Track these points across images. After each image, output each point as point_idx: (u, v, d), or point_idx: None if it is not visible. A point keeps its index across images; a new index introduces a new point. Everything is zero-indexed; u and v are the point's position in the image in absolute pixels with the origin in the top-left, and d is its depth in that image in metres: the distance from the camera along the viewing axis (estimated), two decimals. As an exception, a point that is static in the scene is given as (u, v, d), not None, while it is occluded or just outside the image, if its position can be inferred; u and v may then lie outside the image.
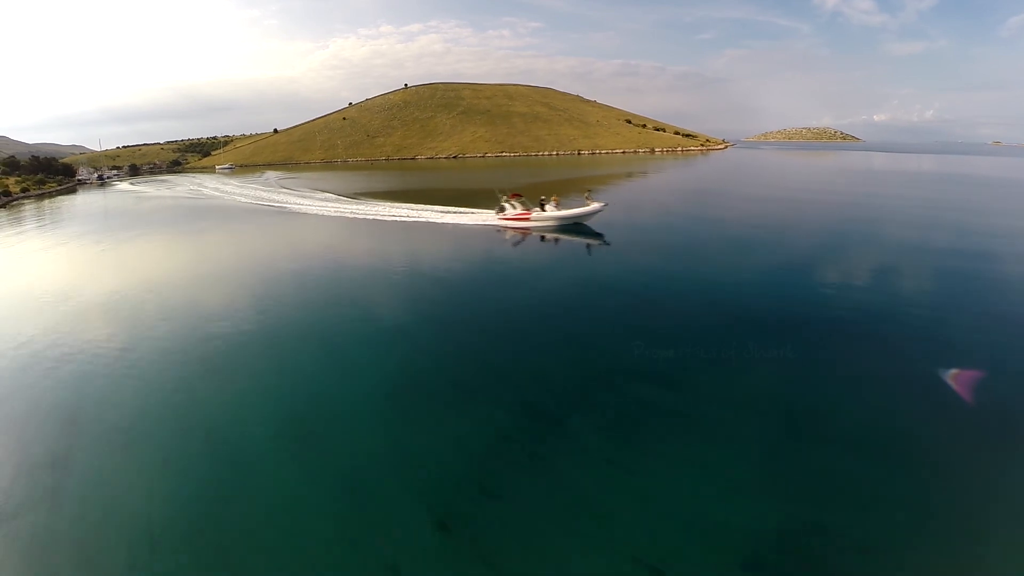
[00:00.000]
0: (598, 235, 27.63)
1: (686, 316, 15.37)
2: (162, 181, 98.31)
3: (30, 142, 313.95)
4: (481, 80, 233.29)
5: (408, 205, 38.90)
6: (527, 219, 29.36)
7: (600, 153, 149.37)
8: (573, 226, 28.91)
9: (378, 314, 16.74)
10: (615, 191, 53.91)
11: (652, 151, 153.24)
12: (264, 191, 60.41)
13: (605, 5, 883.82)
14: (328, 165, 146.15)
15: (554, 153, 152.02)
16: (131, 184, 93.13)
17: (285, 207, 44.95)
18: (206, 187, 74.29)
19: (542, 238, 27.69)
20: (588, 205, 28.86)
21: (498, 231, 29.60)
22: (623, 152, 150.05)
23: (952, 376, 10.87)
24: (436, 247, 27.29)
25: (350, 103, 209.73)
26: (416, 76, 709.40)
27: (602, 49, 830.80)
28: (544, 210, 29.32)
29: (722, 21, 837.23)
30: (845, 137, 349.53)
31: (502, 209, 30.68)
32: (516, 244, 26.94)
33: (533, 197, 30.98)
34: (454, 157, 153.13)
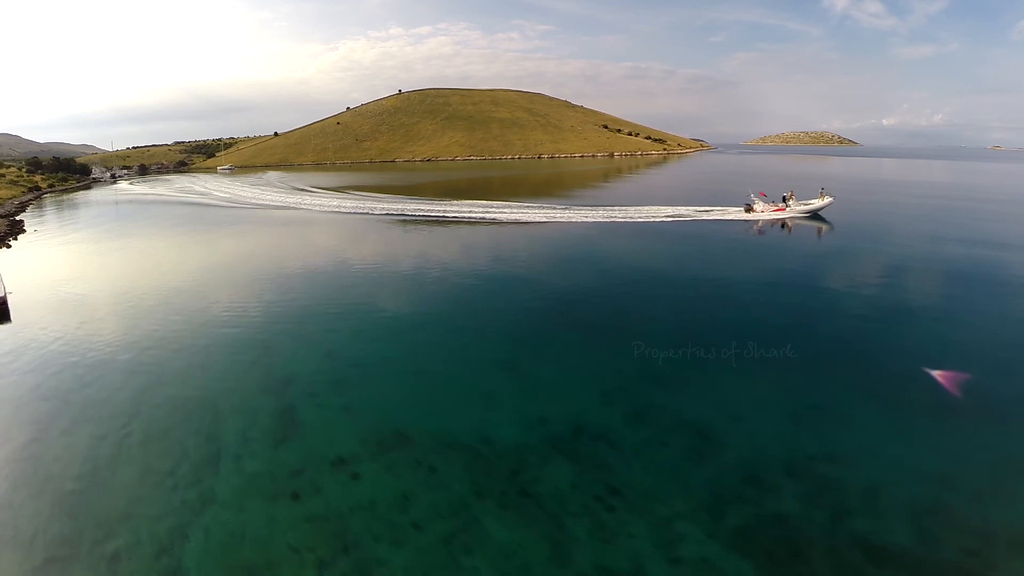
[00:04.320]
0: (828, 222, 34.96)
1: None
2: (164, 181, 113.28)
3: (41, 141, 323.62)
4: (485, 85, 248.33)
5: (667, 207, 41.24)
6: (782, 211, 36.35)
7: (560, 157, 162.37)
8: (812, 216, 36.78)
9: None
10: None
11: (611, 155, 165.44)
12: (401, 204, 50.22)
13: (616, 8, 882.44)
14: (318, 167, 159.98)
15: (518, 157, 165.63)
16: (129, 184, 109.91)
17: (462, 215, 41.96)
18: (220, 188, 79.13)
19: (782, 226, 34.20)
20: (822, 199, 36.56)
21: (746, 222, 35.61)
22: (582, 156, 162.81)
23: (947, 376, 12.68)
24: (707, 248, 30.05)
25: (347, 108, 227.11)
26: (424, 78, 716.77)
27: (613, 51, 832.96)
28: (788, 204, 36.51)
29: (733, 24, 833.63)
30: (843, 141, 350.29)
31: (749, 207, 37.05)
32: (761, 233, 33.05)
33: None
34: (428, 160, 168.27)
